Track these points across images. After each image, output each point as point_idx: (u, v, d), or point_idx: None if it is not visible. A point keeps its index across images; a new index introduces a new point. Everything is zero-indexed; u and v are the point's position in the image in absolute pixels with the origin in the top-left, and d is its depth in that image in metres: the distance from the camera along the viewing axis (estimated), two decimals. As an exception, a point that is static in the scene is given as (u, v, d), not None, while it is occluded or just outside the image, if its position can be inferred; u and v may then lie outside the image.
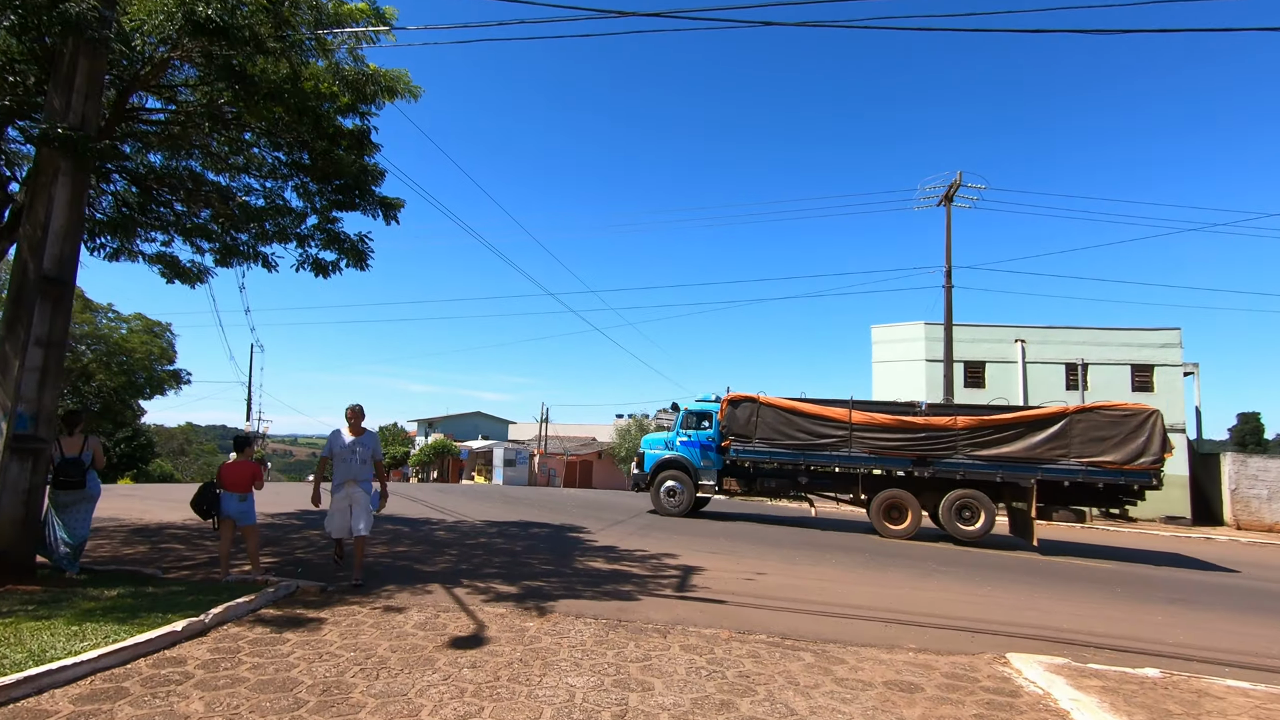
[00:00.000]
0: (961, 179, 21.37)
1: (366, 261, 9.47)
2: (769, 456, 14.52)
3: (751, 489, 15.36)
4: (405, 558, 8.29)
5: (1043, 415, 13.34)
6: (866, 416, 14.00)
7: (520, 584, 7.00)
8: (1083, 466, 12.85)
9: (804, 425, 14.29)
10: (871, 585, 8.41)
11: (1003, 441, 13.33)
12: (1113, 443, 12.77)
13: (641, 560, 9.02)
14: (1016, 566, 10.94)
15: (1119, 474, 12.70)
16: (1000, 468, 13.30)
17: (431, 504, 15.36)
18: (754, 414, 14.52)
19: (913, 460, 13.71)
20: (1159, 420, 12.76)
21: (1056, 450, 13.02)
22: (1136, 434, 12.71)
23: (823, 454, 14.24)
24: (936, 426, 13.63)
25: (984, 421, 13.49)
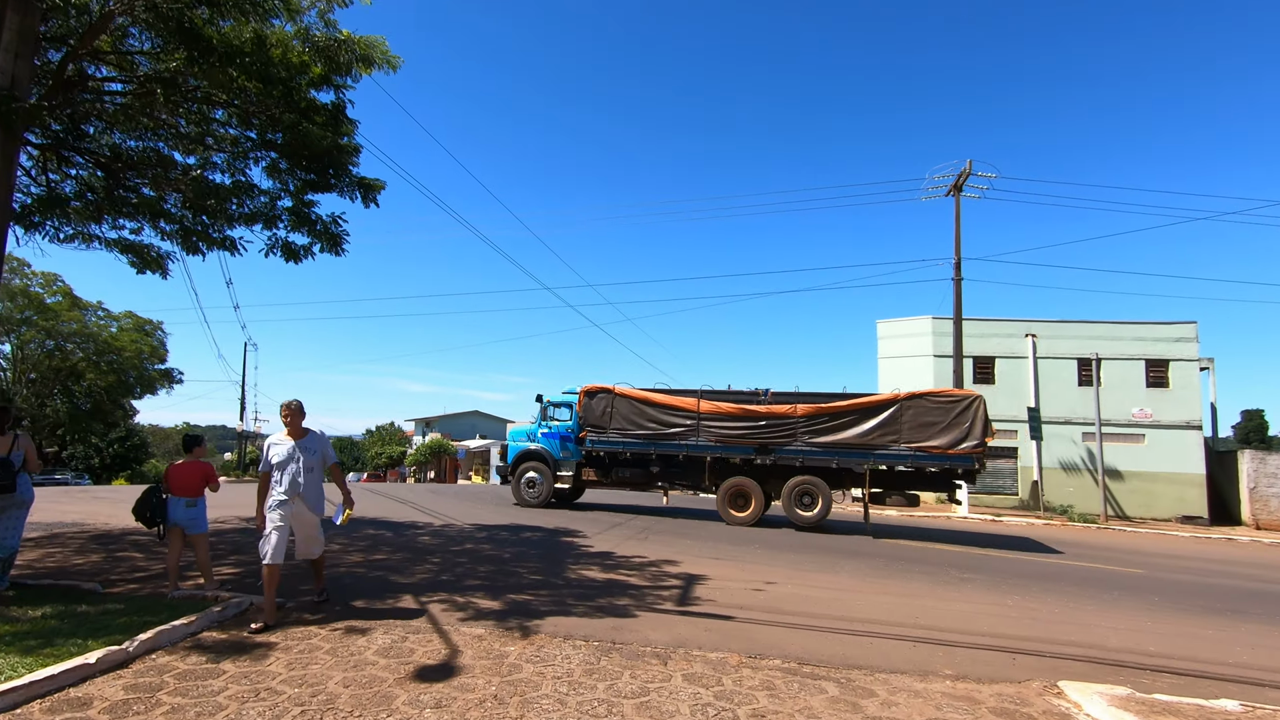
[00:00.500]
0: (971, 167, 20.68)
1: (342, 246, 8.78)
2: (622, 446, 14.69)
3: (608, 479, 15.49)
4: (382, 567, 7.59)
5: (875, 402, 13.60)
6: (713, 406, 14.18)
7: (505, 598, 6.30)
8: (911, 452, 13.15)
9: (655, 415, 14.49)
10: (890, 595, 7.72)
11: (839, 428, 13.60)
12: (939, 428, 13.05)
13: (640, 568, 8.33)
14: (1043, 574, 10.25)
15: (944, 458, 13.02)
16: (836, 454, 13.59)
17: (421, 506, 14.67)
18: (609, 405, 14.74)
19: (756, 448, 13.95)
20: (981, 406, 13.04)
21: (888, 436, 13.28)
22: (960, 419, 13.01)
23: (672, 443, 14.41)
24: (777, 414, 13.84)
25: (821, 409, 13.72)
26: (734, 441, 14.06)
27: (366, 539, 9.69)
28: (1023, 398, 24.53)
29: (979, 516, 20.32)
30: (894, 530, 15.76)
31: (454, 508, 14.93)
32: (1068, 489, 23.59)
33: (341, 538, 9.69)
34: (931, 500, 25.30)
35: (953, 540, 14.14)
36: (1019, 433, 24.45)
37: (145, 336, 37.84)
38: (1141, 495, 23.19)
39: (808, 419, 13.73)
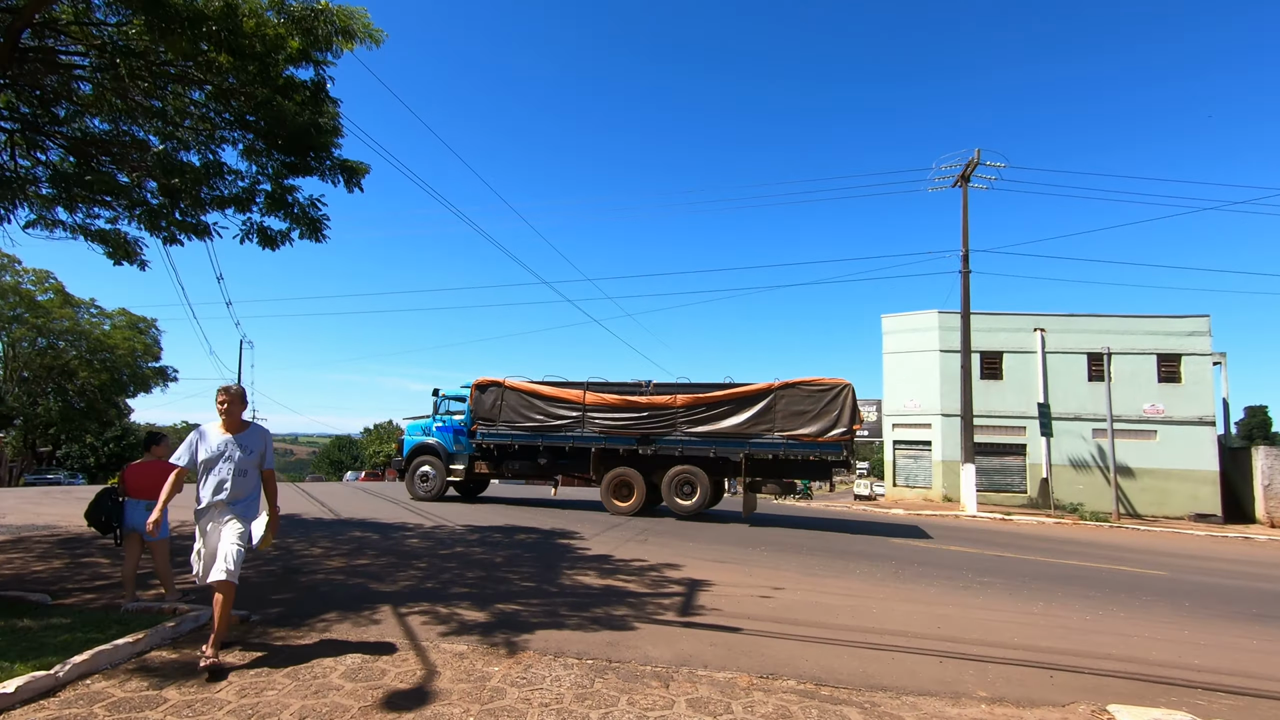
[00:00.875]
0: (980, 157, 20.15)
1: (322, 231, 8.28)
2: (511, 439, 14.78)
3: (500, 471, 15.64)
4: (363, 573, 7.09)
5: (751, 392, 13.70)
6: (598, 397, 14.33)
7: (492, 608, 5.81)
8: (784, 440, 13.29)
9: (543, 408, 14.63)
10: (908, 602, 7.22)
11: (716, 418, 13.74)
12: (810, 416, 13.23)
13: (639, 573, 7.83)
14: (1064, 577, 9.75)
15: (814, 446, 13.18)
16: (714, 443, 13.73)
17: (413, 506, 14.18)
18: (499, 398, 14.87)
19: (638, 439, 14.08)
20: (849, 393, 13.16)
21: (762, 425, 13.46)
22: (830, 408, 13.16)
23: (559, 435, 14.53)
24: (658, 405, 13.97)
25: (699, 399, 13.86)
26: (617, 432, 14.15)
27: (351, 542, 9.20)
28: (1031, 393, 24.05)
29: (987, 515, 19.83)
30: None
31: (447, 508, 14.45)
32: (1078, 486, 23.09)
33: (325, 541, 9.21)
34: (938, 500, 24.80)
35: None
36: (1027, 429, 23.97)
37: (139, 334, 37.41)
38: (1153, 493, 22.70)
39: (687, 409, 13.83)
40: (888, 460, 26.91)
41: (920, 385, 25.45)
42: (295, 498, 15.19)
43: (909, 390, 25.85)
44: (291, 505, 13.49)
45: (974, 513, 19.87)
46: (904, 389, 26.02)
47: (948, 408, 24.61)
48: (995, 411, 24.02)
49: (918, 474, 25.68)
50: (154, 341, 38.21)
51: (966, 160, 20.35)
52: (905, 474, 26.10)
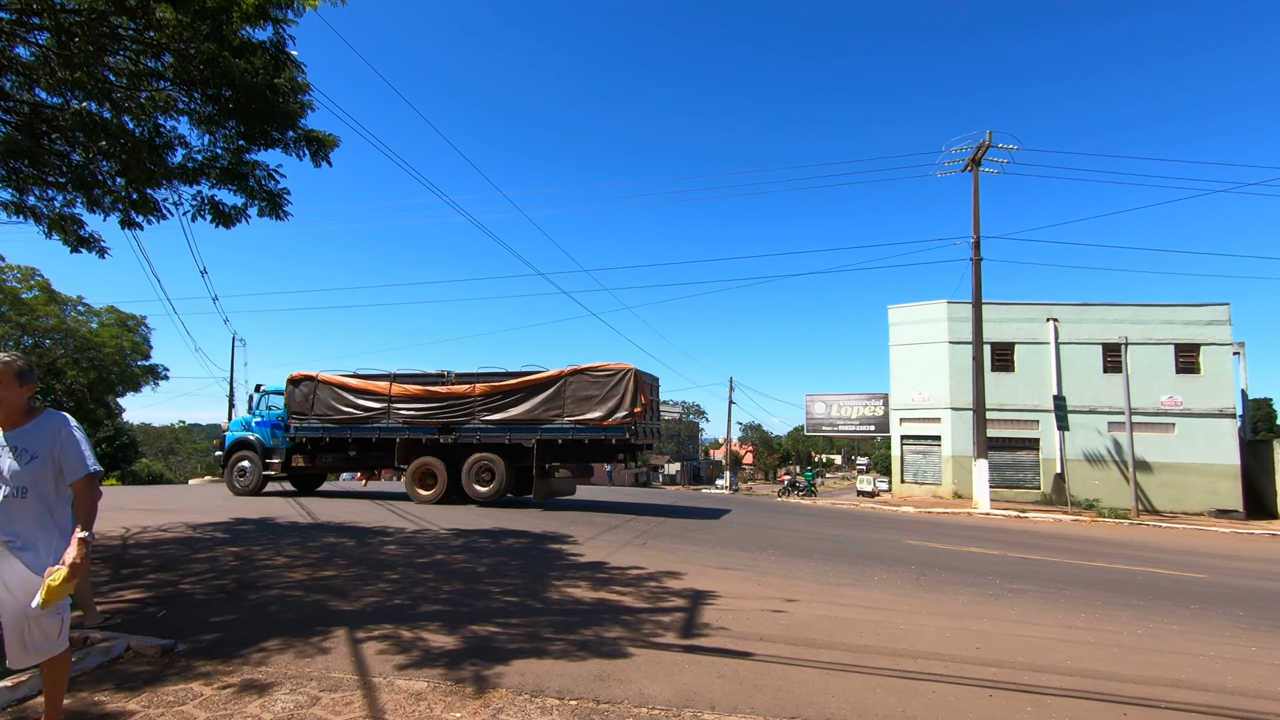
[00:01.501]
0: (991, 139, 19.31)
1: (283, 207, 7.51)
2: (322, 432, 15.05)
3: (314, 465, 15.77)
4: (325, 587, 6.32)
5: (543, 379, 13.97)
6: (402, 389, 14.58)
7: (465, 631, 5.03)
8: (573, 425, 13.57)
9: (351, 400, 14.84)
10: (937, 615, 6.44)
11: (510, 405, 14.01)
12: (596, 401, 13.47)
13: (636, 583, 7.06)
14: (1100, 582, 8.98)
15: (600, 430, 13.41)
16: (508, 430, 14.00)
17: (399, 509, 13.42)
18: (312, 392, 15.10)
19: (439, 428, 14.32)
20: (631, 378, 13.34)
21: (553, 411, 13.76)
22: (614, 392, 13.37)
23: (367, 426, 14.78)
24: (457, 394, 14.24)
25: (495, 388, 14.12)
26: (420, 422, 14.43)
27: (322, 550, 8.43)
28: (1044, 386, 23.27)
29: (1001, 513, 19.06)
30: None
31: (435, 510, 13.69)
32: (1093, 482, 22.32)
33: (294, 548, 8.44)
34: (948, 497, 24.04)
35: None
36: (1040, 423, 23.21)
37: (127, 332, 36.57)
38: (1172, 488, 21.93)
39: (484, 398, 14.11)
40: (895, 456, 26.13)
41: (929, 378, 24.67)
42: (275, 500, 14.44)
43: (917, 383, 25.06)
44: (269, 509, 12.74)
45: (987, 510, 19.10)
46: (912, 382, 25.23)
47: (958, 401, 23.83)
48: (1007, 405, 23.23)
49: (926, 470, 24.91)
50: (143, 340, 37.43)
51: (978, 143, 19.52)
52: (914, 470, 25.33)
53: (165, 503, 13.67)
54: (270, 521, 10.82)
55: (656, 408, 15.73)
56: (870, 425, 28.83)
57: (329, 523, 10.88)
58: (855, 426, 29.20)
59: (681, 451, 69.14)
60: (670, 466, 61.30)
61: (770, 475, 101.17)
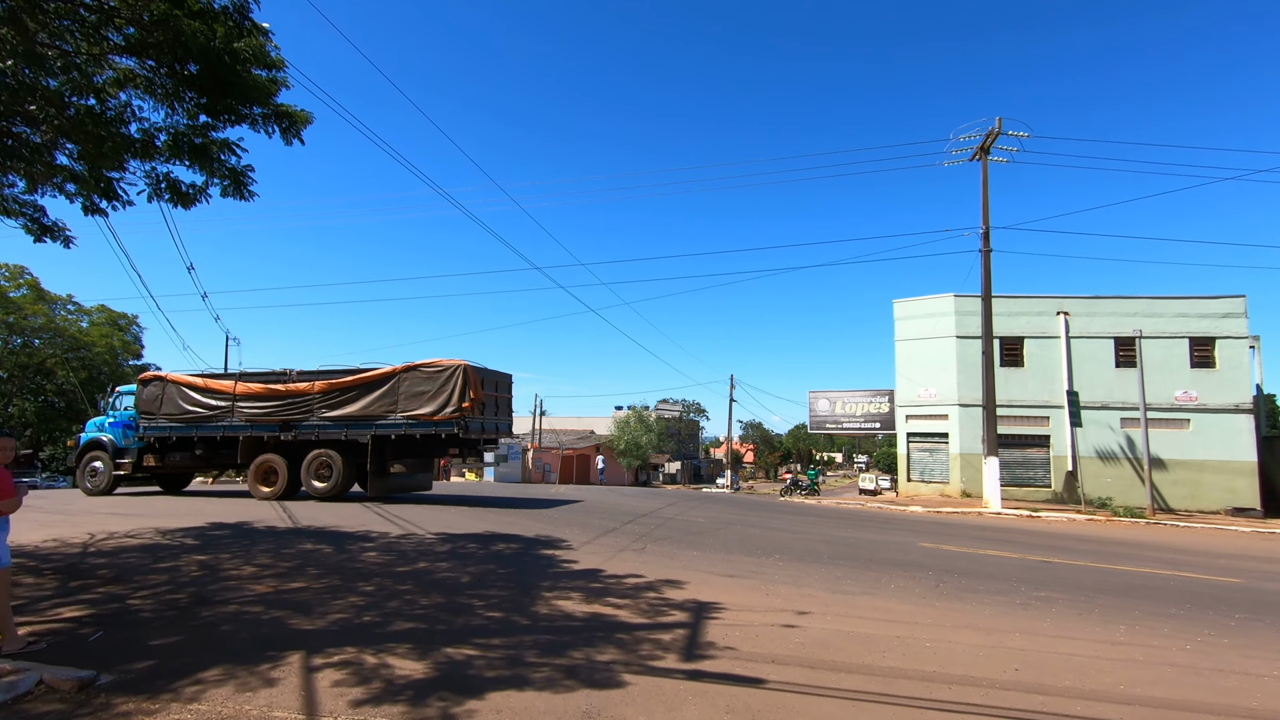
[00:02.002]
0: (1001, 126, 18.69)
1: (246, 186, 6.91)
2: (169, 431, 15.11)
3: (164, 464, 15.74)
4: (288, 602, 5.72)
5: (378, 375, 14.03)
6: (245, 387, 14.70)
7: (438, 654, 4.44)
8: (405, 420, 13.64)
9: (197, 399, 14.92)
10: (965, 629, 5.85)
11: (347, 402, 14.09)
12: (427, 396, 13.57)
13: (634, 594, 6.47)
14: (1129, 589, 8.38)
15: (431, 424, 13.50)
16: (345, 427, 14.05)
17: (386, 511, 12.83)
18: (161, 392, 15.20)
19: (280, 426, 14.40)
20: (460, 373, 13.42)
21: (386, 407, 13.84)
22: (444, 388, 13.48)
23: (212, 425, 14.86)
24: (297, 392, 14.32)
25: (333, 385, 14.18)
26: (262, 420, 14.50)
27: (297, 557, 7.84)
28: (1054, 381, 22.66)
29: (1012, 512, 18.47)
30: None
31: (424, 512, 13.11)
32: (1105, 480, 21.72)
33: (266, 556, 7.85)
34: (956, 495, 23.43)
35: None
36: (1050, 419, 22.60)
37: (119, 331, 36.03)
38: (1187, 486, 21.33)
39: (323, 395, 14.17)
40: (901, 454, 25.52)
41: (936, 374, 24.05)
42: (256, 503, 13.85)
43: (924, 379, 24.44)
44: (249, 512, 12.15)
45: (998, 510, 18.50)
46: (918, 378, 24.62)
47: (966, 397, 23.22)
48: (1016, 401, 22.63)
49: (934, 468, 24.31)
50: (134, 339, 36.86)
51: (986, 130, 18.90)
52: (920, 468, 24.73)
53: (141, 506, 13.08)
54: (247, 526, 10.23)
55: (507, 405, 15.84)
56: (875, 422, 28.24)
57: (309, 527, 10.29)
58: (860, 424, 28.61)
59: (682, 450, 68.58)
60: (670, 465, 60.75)
61: (771, 474, 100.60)
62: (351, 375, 14.25)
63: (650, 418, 54.76)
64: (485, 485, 32.29)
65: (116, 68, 7.00)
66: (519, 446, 43.91)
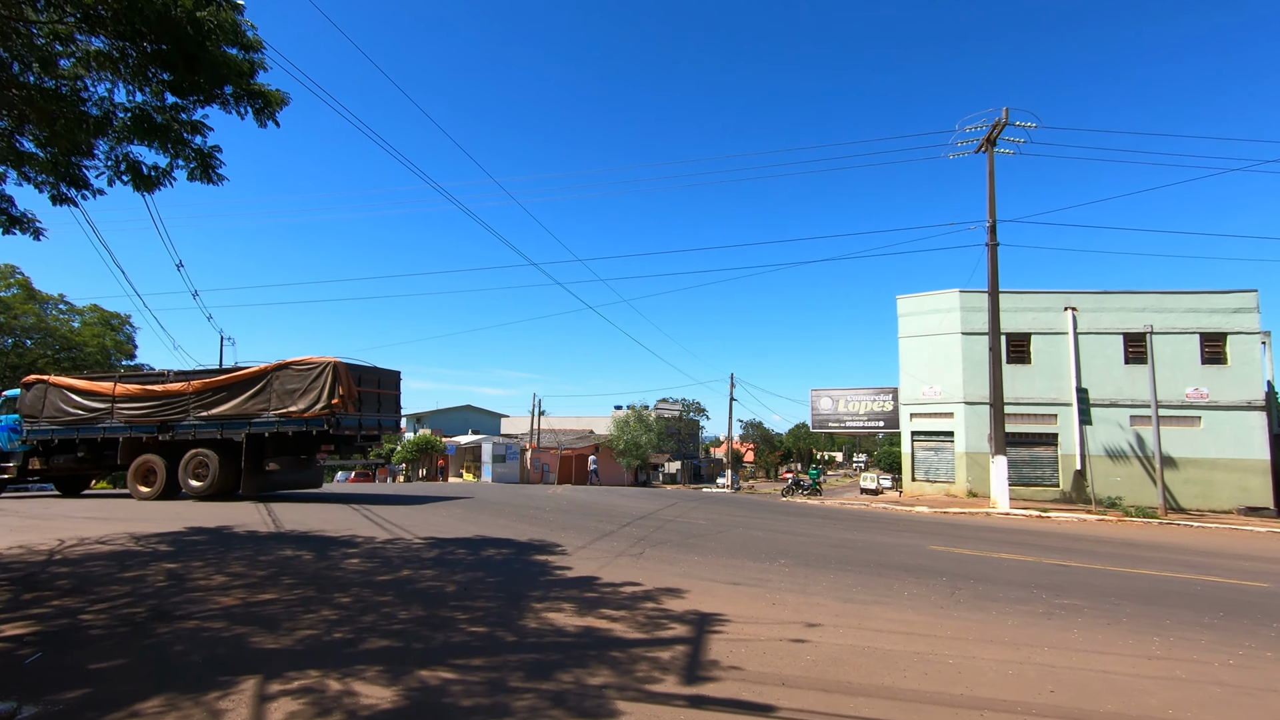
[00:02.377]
0: (1008, 116, 18.24)
1: (214, 169, 6.46)
2: (51, 434, 15.18)
3: (50, 467, 15.80)
4: (254, 617, 5.27)
5: (252, 374, 14.15)
6: (124, 388, 14.79)
7: (411, 678, 4.00)
8: (278, 418, 13.77)
9: (79, 402, 14.96)
10: (989, 643, 5.41)
11: (222, 401, 14.21)
12: (299, 394, 13.71)
13: (630, 605, 6.03)
14: (1156, 594, 7.94)
15: (303, 422, 13.62)
16: (220, 425, 14.18)
17: (374, 513, 12.39)
18: (43, 395, 15.24)
19: (158, 426, 14.53)
20: (331, 370, 13.54)
21: (260, 405, 13.97)
22: (315, 385, 13.60)
23: (93, 427, 14.90)
24: (173, 392, 14.45)
25: (208, 384, 14.33)
26: (141, 421, 14.60)
27: (273, 565, 7.39)
28: (1062, 378, 22.22)
29: (1021, 512, 18.03)
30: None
31: (414, 514, 12.67)
32: (1115, 479, 21.28)
33: (240, 563, 7.41)
34: (962, 495, 23.00)
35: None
36: (1058, 417, 22.15)
37: (111, 331, 35.57)
38: (1198, 485, 20.88)
39: (199, 394, 14.28)
40: (905, 453, 25.08)
41: (941, 371, 23.61)
42: (241, 507, 13.40)
43: (928, 377, 24.00)
44: (231, 516, 11.71)
45: (1007, 510, 18.06)
46: (923, 376, 24.17)
47: (971, 395, 22.78)
48: (1023, 398, 22.18)
49: (939, 467, 23.86)
50: (127, 339, 36.40)
51: (993, 121, 18.44)
52: (925, 468, 24.28)
53: (120, 510, 12.63)
54: (227, 531, 9.79)
55: (393, 402, 15.85)
56: (879, 421, 27.79)
57: (292, 532, 9.85)
58: (863, 423, 28.16)
59: (682, 450, 68.14)
60: (670, 465, 60.30)
61: (771, 473, 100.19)
62: (226, 375, 14.43)
63: (650, 417, 54.32)
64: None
65: (81, 46, 6.58)
66: (517, 447, 43.46)
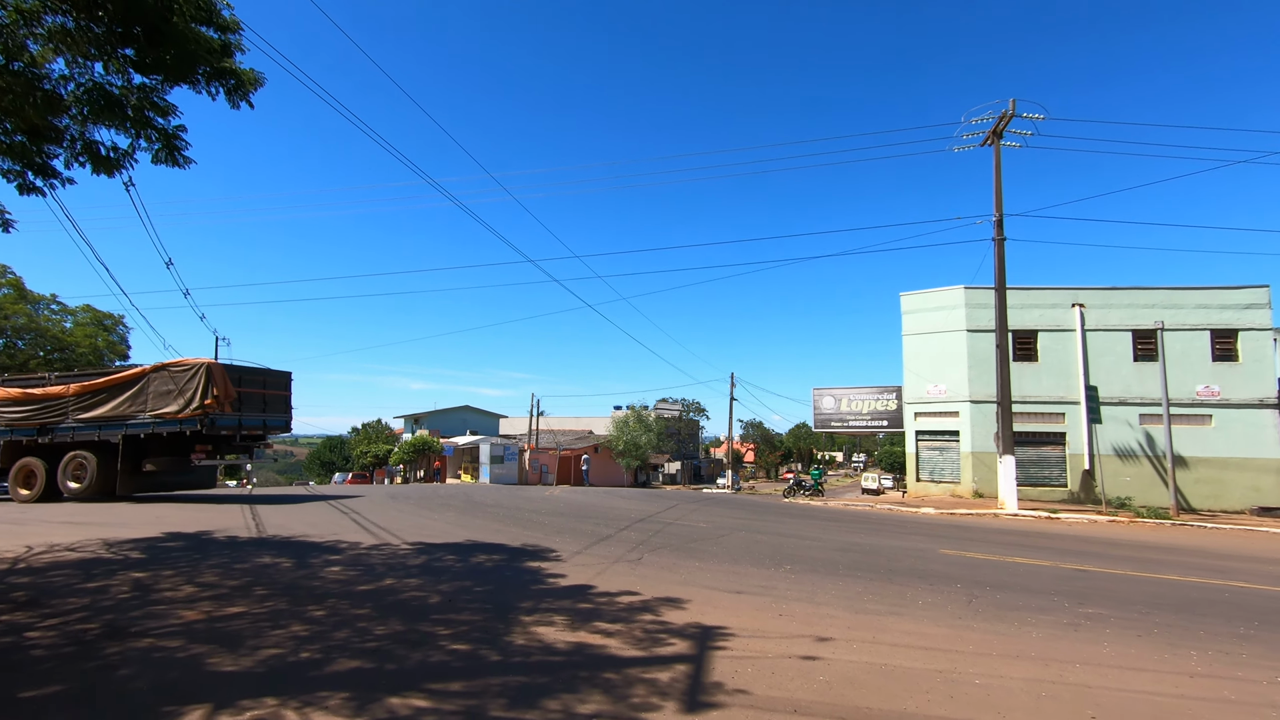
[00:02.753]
0: (1015, 108, 17.81)
1: (180, 151, 6.04)
2: None
3: None
4: (217, 634, 4.84)
5: (129, 376, 14.31)
6: (4, 392, 14.94)
7: (379, 706, 3.57)
8: (153, 419, 13.92)
9: None
10: (1016, 659, 4.98)
11: (100, 404, 14.30)
12: (173, 395, 13.85)
13: (627, 617, 5.60)
14: (1186, 602, 7.51)
15: (177, 423, 13.76)
16: (98, 428, 14.28)
17: (362, 517, 11.96)
18: None
19: (38, 429, 14.64)
20: (204, 371, 13.70)
21: (136, 407, 14.10)
22: (188, 387, 13.76)
23: None
24: (53, 395, 14.52)
25: (87, 387, 14.37)
26: (20, 424, 14.70)
27: (248, 574, 6.96)
28: (1070, 376, 21.79)
29: (1029, 513, 17.59)
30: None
31: (405, 518, 12.24)
32: (1124, 478, 20.84)
33: (213, 573, 6.98)
34: (968, 496, 22.56)
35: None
36: (1066, 416, 21.72)
37: (104, 331, 35.10)
38: (1209, 484, 20.45)
39: (78, 397, 14.33)
40: (909, 453, 24.64)
41: (946, 370, 23.18)
42: (225, 511, 12.98)
43: (933, 375, 23.56)
44: (215, 520, 11.28)
45: (1015, 511, 17.63)
46: (927, 374, 23.74)
47: (977, 393, 22.35)
48: (1030, 397, 21.75)
49: (944, 467, 23.43)
50: (120, 339, 35.97)
51: (999, 113, 18.02)
52: (929, 468, 23.84)
53: (100, 514, 12.20)
54: (206, 536, 9.36)
55: (281, 402, 15.95)
56: (883, 420, 27.35)
57: (275, 537, 9.41)
58: (866, 422, 27.72)
59: (682, 450, 67.68)
60: (670, 466, 59.83)
61: (772, 473, 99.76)
62: (104, 378, 14.52)
63: (649, 417, 53.86)
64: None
65: (46, 25, 6.16)
66: (516, 448, 43.00)
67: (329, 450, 73.76)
